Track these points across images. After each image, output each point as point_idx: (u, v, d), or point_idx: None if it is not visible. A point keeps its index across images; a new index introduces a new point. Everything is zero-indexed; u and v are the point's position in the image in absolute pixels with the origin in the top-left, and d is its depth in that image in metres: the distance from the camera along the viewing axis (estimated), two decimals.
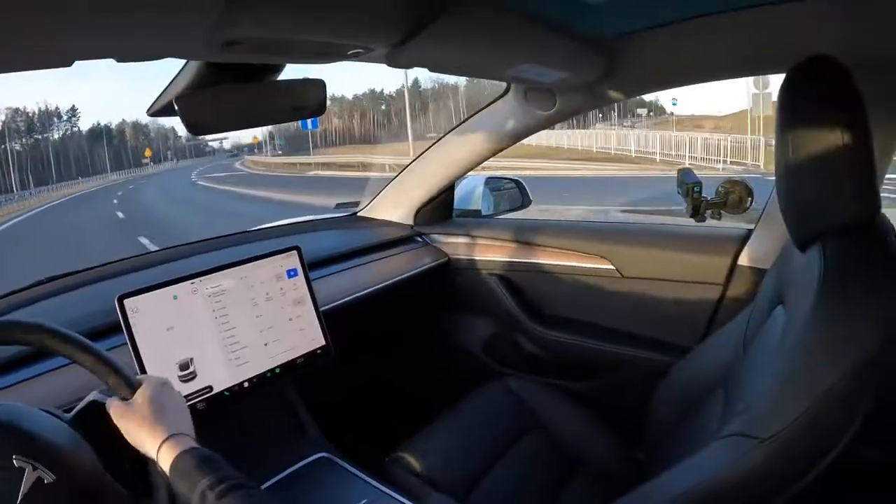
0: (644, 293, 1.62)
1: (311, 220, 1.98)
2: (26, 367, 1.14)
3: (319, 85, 1.10)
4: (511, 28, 1.06)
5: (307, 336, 1.27)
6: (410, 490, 1.28)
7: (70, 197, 34.19)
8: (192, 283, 1.17)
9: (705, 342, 1.30)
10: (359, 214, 2.02)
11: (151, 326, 1.13)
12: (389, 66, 1.08)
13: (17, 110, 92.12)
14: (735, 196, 1.43)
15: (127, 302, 1.10)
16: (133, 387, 0.80)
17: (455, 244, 1.88)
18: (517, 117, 1.57)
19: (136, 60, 0.86)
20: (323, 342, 1.30)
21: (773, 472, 0.78)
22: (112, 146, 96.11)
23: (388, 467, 1.35)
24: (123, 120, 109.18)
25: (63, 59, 0.76)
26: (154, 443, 0.77)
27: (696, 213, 1.44)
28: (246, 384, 1.20)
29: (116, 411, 0.80)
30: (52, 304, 1.34)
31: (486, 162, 1.75)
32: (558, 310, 1.79)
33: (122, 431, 0.80)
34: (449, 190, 1.89)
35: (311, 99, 1.11)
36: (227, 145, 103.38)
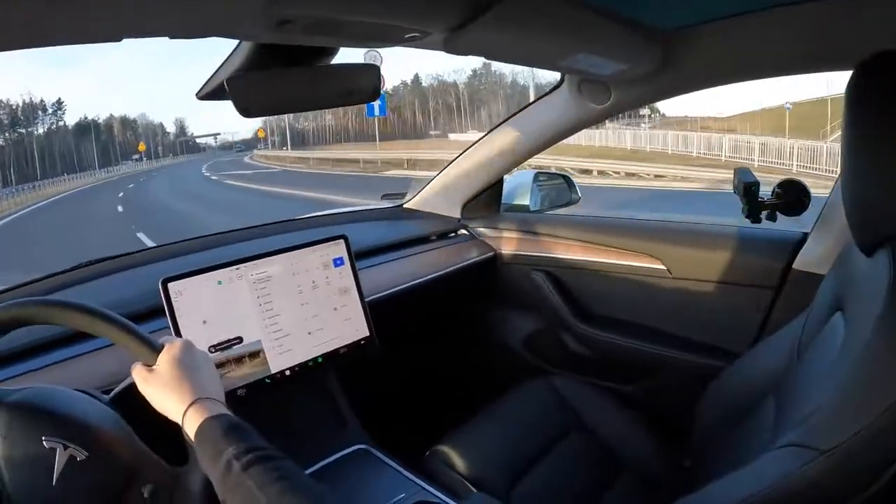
0: (694, 294, 1.61)
1: (357, 211, 1.98)
2: (67, 348, 1.15)
3: (373, 70, 1.10)
4: (569, 15, 1.06)
5: (351, 326, 1.28)
6: (450, 486, 1.29)
7: (60, 196, 29.20)
8: (237, 268, 1.17)
9: (756, 347, 1.30)
10: (405, 206, 2.03)
11: (195, 311, 1.13)
12: (447, 52, 1.09)
13: None
14: (792, 197, 1.42)
15: (171, 285, 1.11)
16: (156, 350, 0.79)
17: (502, 239, 1.88)
18: (570, 111, 1.57)
19: (187, 38, 0.87)
20: (367, 333, 1.30)
21: (834, 483, 0.77)
22: (100, 141, 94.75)
23: (427, 461, 1.35)
24: (111, 115, 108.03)
25: (113, 34, 0.76)
26: (179, 408, 0.75)
27: (753, 213, 1.44)
28: (287, 372, 1.20)
29: (140, 379, 0.79)
30: (95, 286, 1.35)
31: (569, 163, 1.75)
32: (605, 308, 1.78)
33: (147, 398, 0.78)
34: (497, 184, 1.89)
35: (362, 84, 1.11)
36: (214, 142, 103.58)
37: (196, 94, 1.17)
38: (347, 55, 1.10)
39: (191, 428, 0.72)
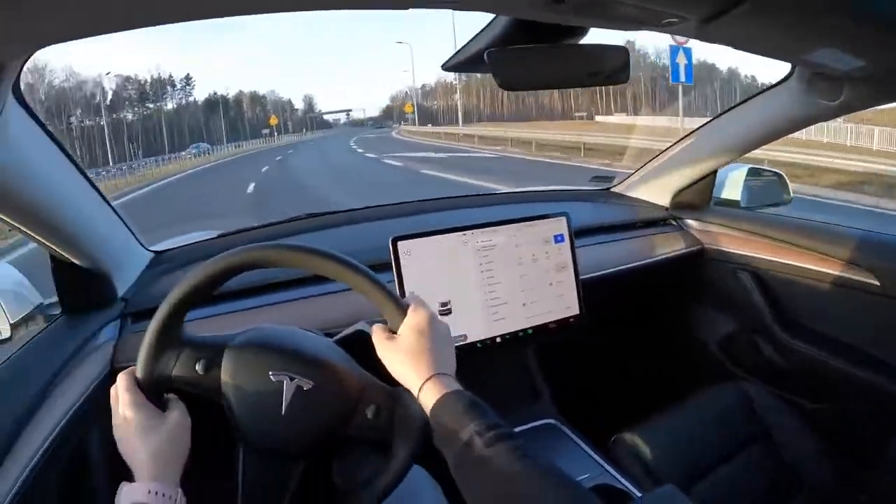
0: None
1: (565, 190, 1.99)
2: (296, 289, 1.27)
3: (621, 52, 1.11)
4: (819, 8, 1.05)
5: (563, 302, 1.31)
6: (632, 474, 1.30)
7: (179, 176, 23.93)
8: (464, 234, 1.24)
9: None
10: (612, 190, 2.00)
11: (420, 270, 1.21)
12: (697, 39, 1.10)
13: (128, 78, 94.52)
14: None
15: (400, 244, 1.19)
16: (403, 312, 0.81)
17: (710, 233, 1.82)
18: (796, 106, 1.49)
19: (467, 10, 0.93)
20: (577, 311, 1.32)
21: None
22: (228, 117, 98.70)
23: (612, 446, 1.37)
24: (241, 91, 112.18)
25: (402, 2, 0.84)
26: (417, 380, 0.77)
27: None
28: (498, 339, 1.25)
29: (381, 344, 0.81)
30: (314, 238, 1.45)
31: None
32: (808, 319, 1.69)
33: (385, 364, 0.81)
34: (710, 176, 1.82)
35: (612, 65, 1.12)
36: (346, 118, 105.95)
37: (442, 66, 1.24)
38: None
39: (427, 400, 0.75)
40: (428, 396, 0.75)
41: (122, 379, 0.81)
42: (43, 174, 0.99)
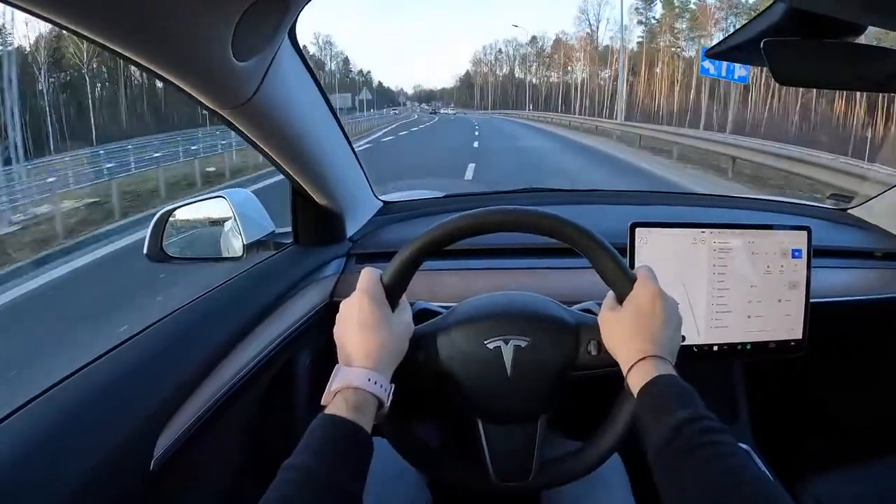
0: None
1: (803, 204, 1.90)
2: (518, 258, 1.33)
3: None
4: None
5: (788, 323, 1.27)
6: None
7: None
8: (703, 232, 1.21)
9: None
10: (850, 211, 1.84)
11: (652, 261, 1.15)
12: None
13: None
14: None
15: (638, 230, 1.19)
16: (630, 281, 0.83)
17: None
18: None
19: None
20: (800, 336, 1.27)
21: None
22: None
23: (803, 489, 1.32)
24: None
25: None
26: (629, 357, 0.78)
27: None
28: (715, 348, 1.23)
29: (603, 314, 0.85)
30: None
31: None
32: None
33: (602, 334, 0.84)
34: None
35: (886, 70, 1.05)
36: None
37: (706, 52, 1.24)
38: None
39: (636, 380, 0.76)
40: (638, 376, 0.76)
41: (369, 274, 0.84)
42: (305, 114, 1.07)
